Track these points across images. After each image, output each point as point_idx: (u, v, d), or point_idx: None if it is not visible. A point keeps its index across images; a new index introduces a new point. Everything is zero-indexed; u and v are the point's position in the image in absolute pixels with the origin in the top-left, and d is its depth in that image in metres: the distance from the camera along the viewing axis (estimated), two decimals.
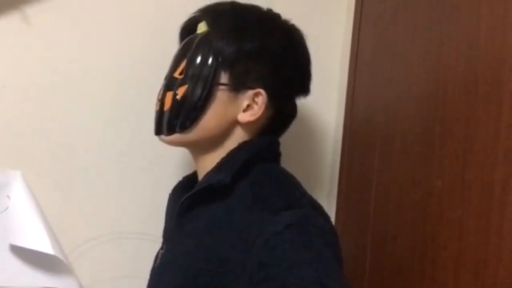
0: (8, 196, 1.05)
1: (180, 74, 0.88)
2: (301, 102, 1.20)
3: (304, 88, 0.95)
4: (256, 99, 0.87)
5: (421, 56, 0.91)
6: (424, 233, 0.85)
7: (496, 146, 0.70)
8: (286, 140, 1.19)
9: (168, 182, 1.09)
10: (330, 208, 1.20)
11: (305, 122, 1.24)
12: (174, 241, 0.89)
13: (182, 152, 1.09)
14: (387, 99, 1.02)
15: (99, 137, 1.12)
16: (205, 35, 0.88)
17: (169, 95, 0.88)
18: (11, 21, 1.05)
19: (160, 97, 0.90)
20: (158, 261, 0.93)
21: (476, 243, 0.72)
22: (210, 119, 0.86)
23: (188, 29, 0.94)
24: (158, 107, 0.90)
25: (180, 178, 1.03)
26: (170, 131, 0.88)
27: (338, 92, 1.25)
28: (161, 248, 0.95)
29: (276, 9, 0.94)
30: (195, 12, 0.93)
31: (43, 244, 1.02)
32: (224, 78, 0.86)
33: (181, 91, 0.86)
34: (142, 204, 1.15)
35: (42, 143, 1.09)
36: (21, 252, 1.05)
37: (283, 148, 0.94)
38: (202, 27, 0.90)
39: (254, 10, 0.92)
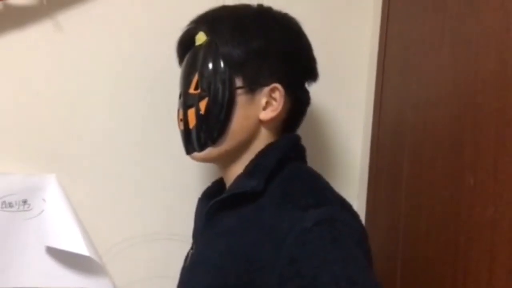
0: (43, 199, 1.08)
1: (195, 89, 0.88)
2: (330, 103, 1.20)
3: (313, 73, 0.96)
4: (273, 94, 0.87)
5: (451, 54, 0.90)
6: (456, 232, 0.84)
7: None
8: (315, 142, 1.19)
9: (198, 184, 1.11)
10: (360, 208, 1.20)
11: (333, 123, 1.23)
12: (203, 242, 0.90)
13: None
14: (416, 97, 1.01)
15: (131, 140, 1.14)
16: (207, 44, 0.88)
17: (191, 112, 0.88)
18: (44, 29, 1.08)
19: (181, 116, 0.90)
20: (188, 261, 0.94)
21: (510, 241, 0.71)
22: (236, 125, 0.87)
23: (185, 42, 0.93)
24: (182, 127, 0.90)
25: (209, 179, 1.04)
26: (202, 147, 0.89)
27: (366, 92, 1.24)
28: (191, 248, 0.96)
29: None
30: (189, 25, 0.92)
31: (77, 246, 1.05)
32: (238, 81, 0.86)
33: (203, 106, 0.87)
34: (173, 206, 1.16)
35: (75, 147, 1.11)
36: (56, 254, 1.07)
37: (312, 150, 0.94)
38: (201, 38, 0.90)
39: (247, 8, 0.92)
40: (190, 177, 1.16)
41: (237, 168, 0.89)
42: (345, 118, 1.24)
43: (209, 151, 0.89)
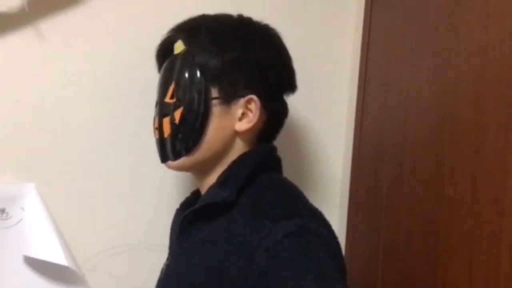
0: (22, 208, 1.06)
1: (171, 98, 0.88)
2: (311, 116, 1.21)
3: (291, 84, 0.95)
4: (249, 105, 0.87)
5: (430, 69, 0.91)
6: (436, 243, 0.85)
7: (506, 155, 0.70)
8: (297, 155, 1.20)
9: (179, 194, 1.10)
10: (341, 219, 1.20)
11: (315, 137, 1.24)
12: (178, 254, 0.90)
13: None
14: (397, 111, 1.03)
15: (112, 150, 1.13)
16: (185, 53, 0.88)
17: (166, 121, 0.88)
18: (26, 37, 1.07)
19: (156, 125, 0.90)
20: (163, 273, 0.93)
21: (488, 252, 0.72)
22: (211, 135, 0.86)
23: (164, 50, 0.93)
24: (157, 136, 0.90)
25: (189, 189, 1.04)
26: (177, 156, 0.88)
27: (347, 105, 1.25)
28: (167, 260, 0.95)
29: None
30: (168, 33, 0.92)
31: (56, 255, 1.03)
32: (214, 92, 0.86)
33: (177, 115, 0.86)
34: (154, 216, 1.15)
35: (55, 156, 1.10)
36: (35, 264, 1.06)
37: (293, 163, 0.93)
38: (179, 47, 0.90)
39: (227, 18, 0.92)
40: (171, 187, 1.15)
41: (212, 178, 0.88)
42: (326, 131, 1.25)
43: (183, 161, 0.88)
